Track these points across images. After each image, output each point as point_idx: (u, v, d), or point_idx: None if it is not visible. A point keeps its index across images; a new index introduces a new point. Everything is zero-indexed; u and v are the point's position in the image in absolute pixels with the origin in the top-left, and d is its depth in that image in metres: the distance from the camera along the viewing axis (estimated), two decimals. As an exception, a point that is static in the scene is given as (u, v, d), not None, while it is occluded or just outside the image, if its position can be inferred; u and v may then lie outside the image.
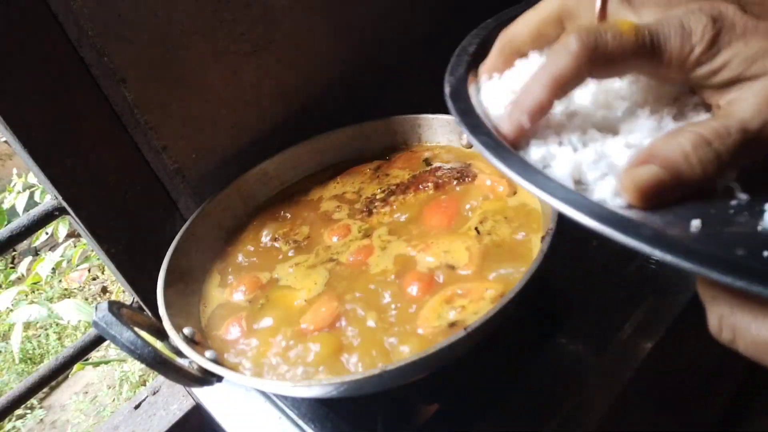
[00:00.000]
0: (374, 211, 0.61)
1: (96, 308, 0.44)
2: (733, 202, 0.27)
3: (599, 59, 0.30)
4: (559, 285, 0.60)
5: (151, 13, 0.58)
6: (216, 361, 0.46)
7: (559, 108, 0.34)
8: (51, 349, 1.91)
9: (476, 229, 0.53)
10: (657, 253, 0.23)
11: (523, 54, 0.38)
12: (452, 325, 0.45)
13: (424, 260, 0.52)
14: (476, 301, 0.46)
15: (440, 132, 0.70)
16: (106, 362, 1.66)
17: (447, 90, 0.38)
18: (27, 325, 1.93)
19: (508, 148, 0.32)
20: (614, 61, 0.30)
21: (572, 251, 0.58)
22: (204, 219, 0.63)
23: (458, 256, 0.52)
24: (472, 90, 0.38)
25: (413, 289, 0.49)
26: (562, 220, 0.45)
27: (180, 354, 0.47)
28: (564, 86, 0.31)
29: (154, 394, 0.78)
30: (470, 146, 0.67)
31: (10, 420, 1.67)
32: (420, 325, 0.46)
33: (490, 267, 0.49)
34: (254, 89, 0.69)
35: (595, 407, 0.49)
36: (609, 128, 0.33)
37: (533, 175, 0.29)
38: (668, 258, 0.23)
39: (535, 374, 0.51)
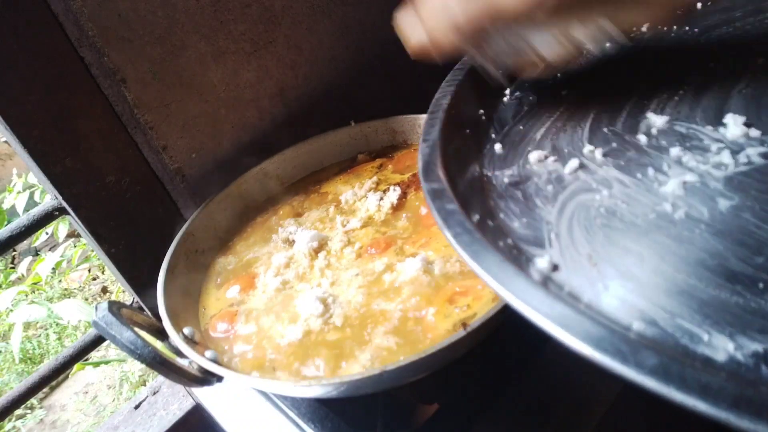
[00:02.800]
0: (375, 210, 0.61)
1: (96, 308, 0.44)
2: None
3: None
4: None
5: (151, 13, 0.58)
6: (216, 361, 0.46)
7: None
8: (51, 349, 1.91)
9: None
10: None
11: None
12: (462, 324, 0.45)
13: (424, 258, 0.52)
14: (479, 298, 0.46)
15: (440, 132, 0.70)
16: (106, 362, 1.66)
17: (420, 162, 0.36)
18: (27, 325, 1.93)
19: (485, 244, 0.29)
20: None
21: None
22: (204, 219, 0.63)
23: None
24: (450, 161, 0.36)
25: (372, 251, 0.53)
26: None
27: (180, 354, 0.47)
28: None
29: (154, 394, 0.78)
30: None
31: (10, 420, 1.67)
32: (424, 324, 0.46)
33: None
34: (254, 89, 0.69)
35: (595, 407, 0.49)
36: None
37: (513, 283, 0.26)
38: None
39: (535, 374, 0.51)
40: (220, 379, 0.47)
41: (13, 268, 2.27)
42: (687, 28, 0.45)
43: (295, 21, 0.70)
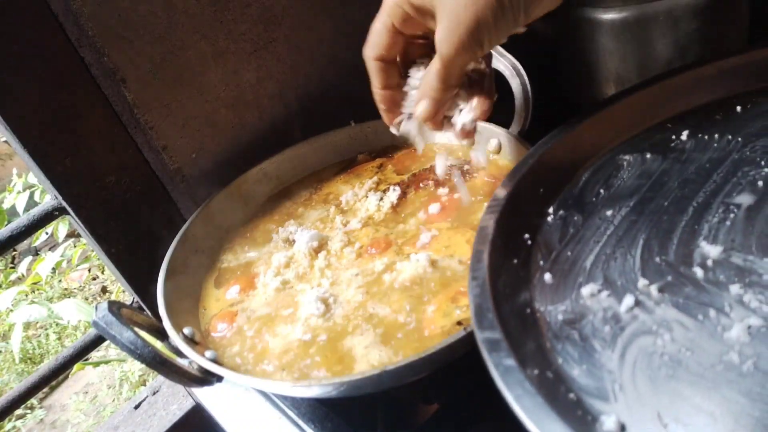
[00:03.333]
0: (375, 210, 0.61)
1: (96, 308, 0.44)
2: None
3: None
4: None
5: (151, 13, 0.58)
6: (216, 361, 0.46)
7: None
8: (51, 349, 1.91)
9: None
10: None
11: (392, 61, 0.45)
12: (459, 323, 0.45)
13: (426, 256, 0.52)
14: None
15: (440, 132, 0.70)
16: (106, 362, 1.66)
17: (471, 304, 0.34)
18: (27, 325, 1.93)
19: (548, 409, 0.27)
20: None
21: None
22: (204, 219, 0.63)
23: (460, 250, 0.52)
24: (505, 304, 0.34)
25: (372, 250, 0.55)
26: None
27: (180, 354, 0.47)
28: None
29: (154, 394, 0.78)
30: (471, 144, 0.67)
31: (10, 420, 1.67)
32: (426, 326, 0.46)
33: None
34: (254, 89, 0.69)
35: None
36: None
37: None
38: None
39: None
40: (220, 379, 0.47)
41: (13, 268, 2.28)
42: (729, 136, 0.43)
43: (295, 21, 0.70)
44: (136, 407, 0.77)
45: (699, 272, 0.34)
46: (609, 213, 0.41)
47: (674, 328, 0.31)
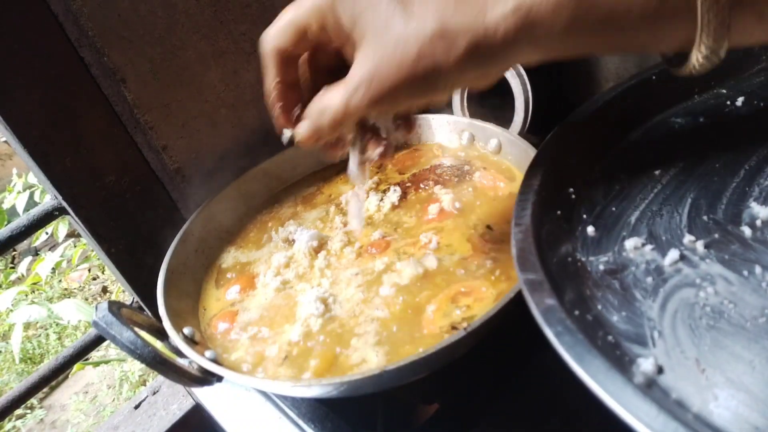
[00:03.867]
0: (375, 210, 0.61)
1: (96, 308, 0.44)
2: None
3: None
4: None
5: (151, 13, 0.58)
6: (216, 361, 0.46)
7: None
8: (51, 349, 1.91)
9: (488, 226, 0.54)
10: None
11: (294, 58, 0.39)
12: (453, 328, 0.45)
13: (426, 256, 0.52)
14: (481, 300, 0.46)
15: (440, 131, 0.70)
16: (106, 362, 1.66)
17: (514, 249, 0.34)
18: (27, 325, 1.93)
19: (588, 345, 0.27)
20: None
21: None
22: (204, 219, 0.63)
23: (461, 250, 0.52)
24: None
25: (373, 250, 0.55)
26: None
27: (180, 354, 0.47)
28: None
29: (154, 394, 0.78)
30: (471, 145, 0.67)
31: (10, 420, 1.67)
32: (426, 326, 0.46)
33: (493, 256, 0.50)
34: (254, 89, 0.69)
35: (594, 407, 0.49)
36: None
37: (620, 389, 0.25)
38: None
39: (536, 374, 0.51)
40: (220, 379, 0.47)
41: (13, 268, 2.28)
42: None
43: (295, 21, 0.70)
44: (136, 407, 0.77)
45: (747, 231, 0.33)
46: (657, 172, 0.41)
47: (718, 281, 0.31)
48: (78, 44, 0.54)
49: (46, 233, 1.91)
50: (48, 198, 0.60)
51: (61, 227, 1.78)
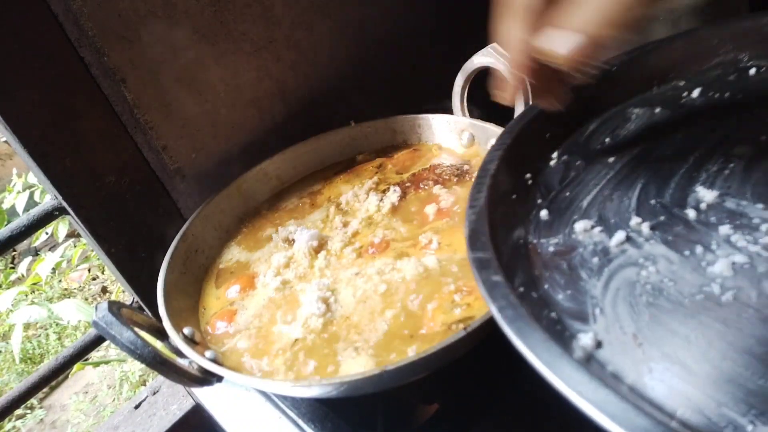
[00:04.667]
0: (375, 210, 0.61)
1: (96, 308, 0.44)
2: None
3: None
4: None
5: (151, 13, 0.58)
6: (216, 361, 0.46)
7: None
8: (51, 349, 1.91)
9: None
10: None
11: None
12: (458, 323, 0.45)
13: (426, 255, 0.52)
14: (481, 299, 0.46)
15: (440, 131, 0.70)
16: (106, 362, 1.66)
17: (466, 229, 0.35)
18: (27, 326, 1.93)
19: (529, 320, 0.28)
20: None
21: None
22: (204, 219, 0.63)
23: (461, 248, 0.52)
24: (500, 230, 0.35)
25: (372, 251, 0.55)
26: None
27: (180, 354, 0.47)
28: None
29: (154, 394, 0.78)
30: (470, 145, 0.67)
31: (10, 420, 1.67)
32: (426, 325, 0.46)
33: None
34: (254, 89, 0.69)
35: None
36: None
37: (556, 360, 0.26)
38: None
39: (535, 374, 0.51)
40: (220, 379, 0.47)
41: (13, 268, 2.28)
42: (740, 96, 0.44)
43: (295, 21, 0.70)
44: (136, 407, 0.77)
45: (692, 213, 0.34)
46: (611, 159, 0.42)
47: (660, 261, 0.32)
48: (78, 44, 0.54)
49: (46, 233, 1.91)
50: (48, 198, 0.60)
51: (61, 227, 1.78)
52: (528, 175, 0.42)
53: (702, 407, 0.24)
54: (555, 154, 0.44)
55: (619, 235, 0.34)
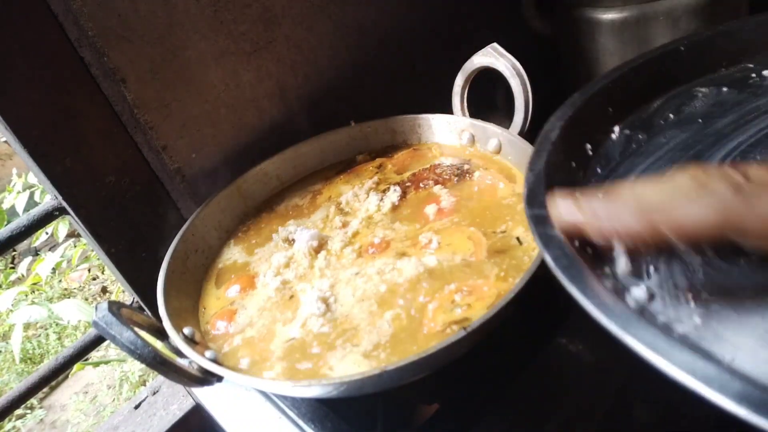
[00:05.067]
0: (375, 210, 0.61)
1: (96, 308, 0.44)
2: None
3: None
4: (559, 284, 0.60)
5: (151, 13, 0.58)
6: (216, 361, 0.46)
7: None
8: (51, 349, 1.91)
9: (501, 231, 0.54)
10: None
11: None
12: (458, 323, 0.45)
13: (426, 255, 0.52)
14: (482, 299, 0.46)
15: (440, 131, 0.70)
16: (106, 362, 1.66)
17: (525, 189, 0.36)
18: (27, 326, 1.93)
19: (583, 268, 0.29)
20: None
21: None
22: (204, 219, 0.63)
23: (461, 248, 0.52)
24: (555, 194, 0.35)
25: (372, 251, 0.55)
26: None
27: (180, 354, 0.47)
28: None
29: (154, 394, 0.78)
30: (471, 145, 0.67)
31: (10, 420, 1.67)
32: (426, 325, 0.46)
33: (494, 256, 0.50)
34: (254, 89, 0.69)
35: (595, 407, 0.49)
36: None
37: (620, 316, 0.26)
38: None
39: (535, 374, 0.51)
40: (220, 379, 0.47)
41: (13, 268, 2.27)
42: None
43: (295, 21, 0.70)
44: (136, 407, 0.77)
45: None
46: (673, 132, 0.43)
47: None
48: (78, 44, 0.54)
49: (46, 233, 1.91)
50: (48, 198, 0.60)
51: (61, 227, 1.78)
52: (589, 146, 0.43)
53: (754, 355, 0.25)
54: (617, 128, 0.45)
55: None
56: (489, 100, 0.71)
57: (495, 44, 0.61)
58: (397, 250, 0.55)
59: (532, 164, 0.39)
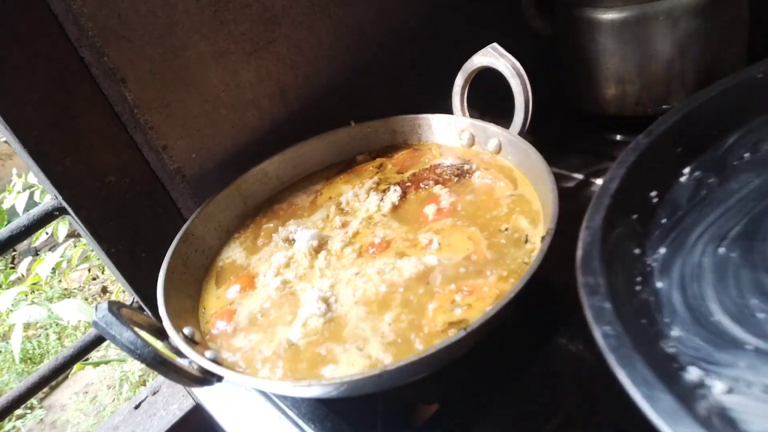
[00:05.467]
0: (375, 210, 0.61)
1: (96, 308, 0.44)
2: None
3: None
4: (559, 285, 0.60)
5: (151, 13, 0.58)
6: (216, 361, 0.46)
7: None
8: (51, 349, 1.91)
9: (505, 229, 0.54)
10: None
11: None
12: (458, 323, 0.45)
13: (426, 255, 0.52)
14: (483, 299, 0.46)
15: (440, 131, 0.70)
16: (106, 362, 1.66)
17: (579, 251, 0.33)
18: (27, 326, 1.93)
19: (632, 350, 0.26)
20: None
21: (573, 251, 0.58)
22: (204, 219, 0.63)
23: (461, 248, 0.52)
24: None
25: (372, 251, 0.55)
26: (561, 220, 0.44)
27: (180, 354, 0.47)
28: None
29: (154, 394, 0.78)
30: (471, 145, 0.67)
31: (10, 420, 1.67)
32: (426, 325, 0.46)
33: (494, 256, 0.50)
34: (254, 89, 0.69)
35: (596, 407, 0.49)
36: None
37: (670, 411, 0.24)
38: None
39: (535, 374, 0.51)
40: (220, 379, 0.47)
41: (13, 268, 2.28)
42: None
43: (295, 21, 0.70)
44: (136, 407, 0.77)
45: None
46: (746, 176, 0.39)
47: None
48: (78, 44, 0.54)
49: (46, 233, 1.91)
50: (48, 198, 0.60)
51: (61, 227, 1.78)
52: (653, 193, 0.39)
53: None
54: (687, 170, 0.40)
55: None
56: (489, 100, 0.71)
57: (495, 44, 0.61)
58: (397, 250, 0.55)
59: (589, 220, 0.35)
